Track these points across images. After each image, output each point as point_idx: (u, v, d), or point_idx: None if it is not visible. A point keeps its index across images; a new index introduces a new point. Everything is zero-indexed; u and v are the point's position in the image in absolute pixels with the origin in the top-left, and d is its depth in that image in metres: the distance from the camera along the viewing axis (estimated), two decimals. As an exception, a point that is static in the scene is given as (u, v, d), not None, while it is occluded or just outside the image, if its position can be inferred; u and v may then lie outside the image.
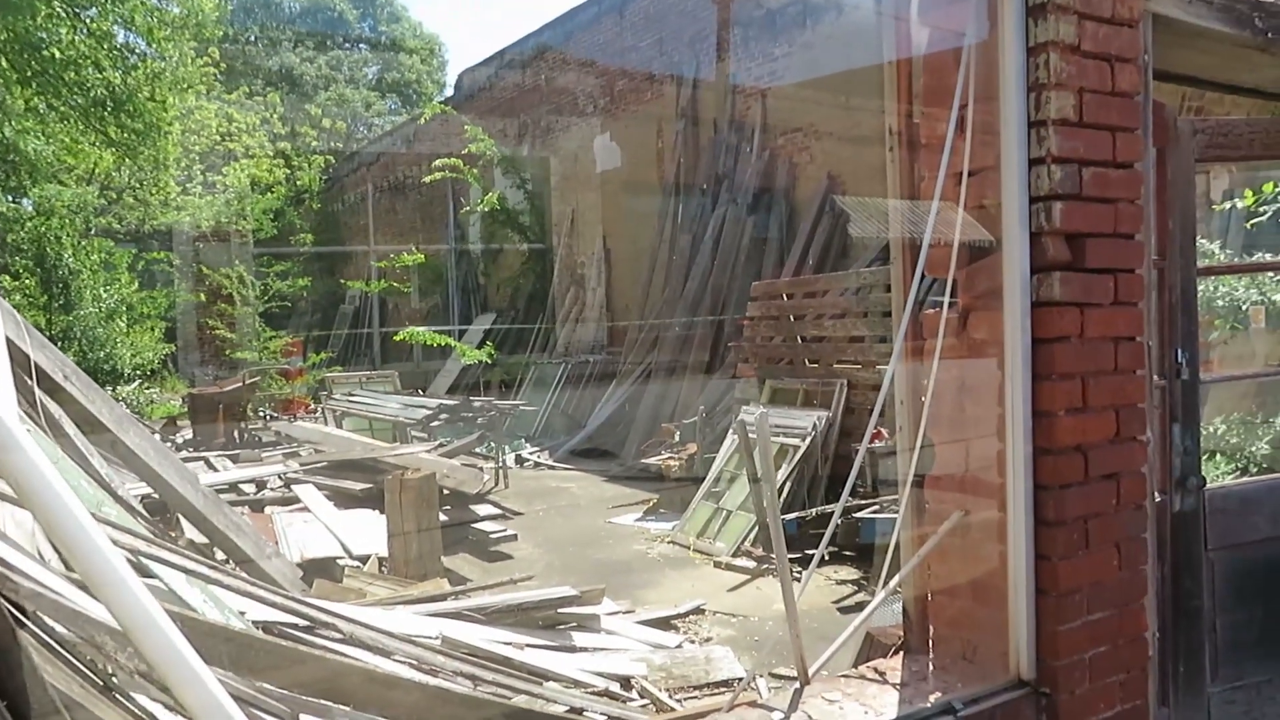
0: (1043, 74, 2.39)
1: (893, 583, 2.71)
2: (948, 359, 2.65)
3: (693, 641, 5.33)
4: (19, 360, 4.07)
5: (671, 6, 14.35)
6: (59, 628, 2.14)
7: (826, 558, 6.40)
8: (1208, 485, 3.00)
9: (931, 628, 2.75)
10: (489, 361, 13.38)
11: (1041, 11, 2.38)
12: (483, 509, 7.91)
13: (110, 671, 2.21)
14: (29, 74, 10.36)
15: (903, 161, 2.83)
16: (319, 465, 8.84)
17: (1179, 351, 2.97)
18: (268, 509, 7.60)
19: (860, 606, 5.81)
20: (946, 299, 2.63)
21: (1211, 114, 6.35)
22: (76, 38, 10.31)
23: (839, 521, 3.32)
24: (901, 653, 2.78)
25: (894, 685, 2.56)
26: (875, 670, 2.66)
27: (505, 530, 7.69)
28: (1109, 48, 2.47)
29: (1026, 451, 2.45)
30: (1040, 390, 2.46)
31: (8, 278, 12.79)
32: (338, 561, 6.12)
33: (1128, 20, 2.51)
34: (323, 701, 2.51)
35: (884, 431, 6.21)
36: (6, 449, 1.54)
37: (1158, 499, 2.80)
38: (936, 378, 2.66)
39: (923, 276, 2.63)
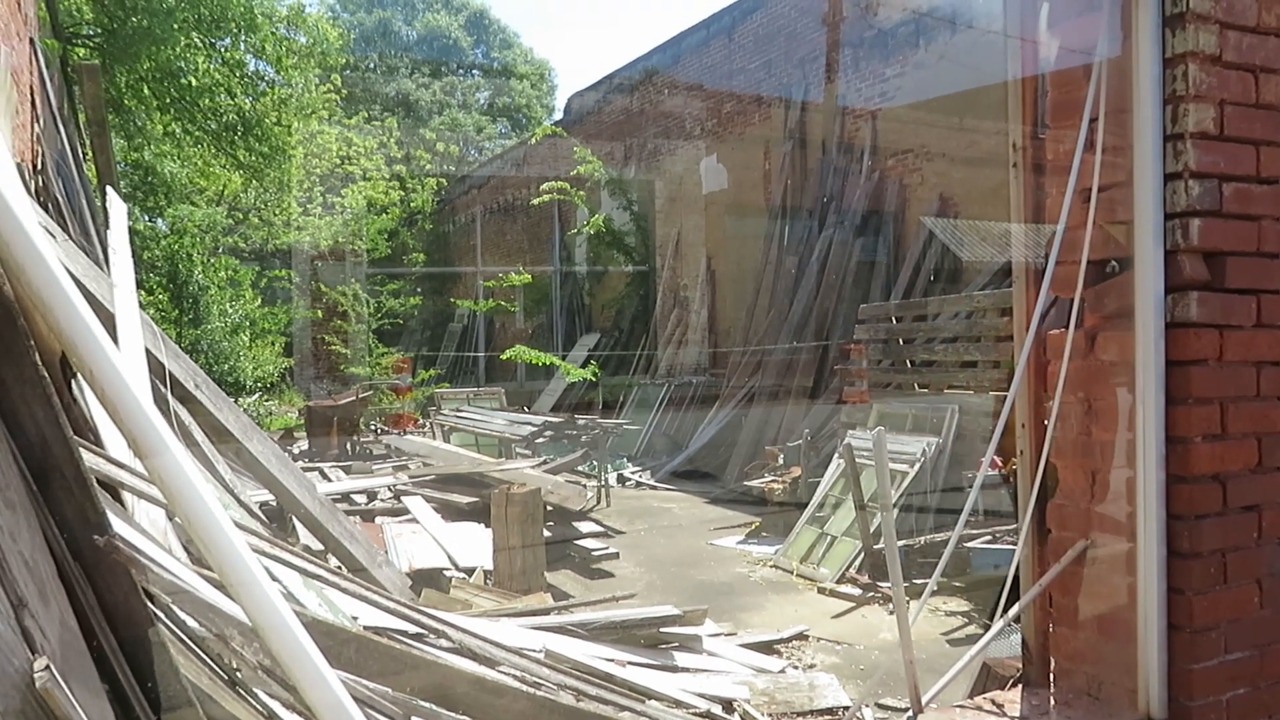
0: (1180, 86, 2.30)
1: (1011, 612, 2.61)
2: (1073, 382, 2.55)
3: (796, 667, 5.24)
4: (154, 369, 4.28)
5: (781, 29, 14.32)
6: (189, 621, 2.23)
7: (936, 588, 6.23)
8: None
9: (1052, 660, 2.64)
10: (594, 380, 13.49)
11: (1180, 21, 2.29)
12: (585, 526, 7.97)
13: (235, 666, 2.29)
14: (167, 100, 10.99)
15: (1026, 180, 2.75)
16: (427, 478, 9.04)
17: (1325, 380, 2.79)
18: (378, 519, 7.81)
19: (971, 639, 5.63)
20: (1072, 320, 2.53)
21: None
22: (211, 66, 10.88)
23: (951, 551, 3.23)
24: (1020, 685, 2.68)
25: (1012, 718, 2.47)
26: (992, 702, 2.56)
27: (607, 548, 7.72)
28: (1253, 58, 2.37)
29: (1159, 479, 2.34)
30: (1175, 415, 2.34)
31: (142, 293, 13.47)
32: (444, 572, 6.24)
33: (1275, 29, 2.39)
34: (434, 706, 2.55)
35: (999, 460, 6.01)
36: (155, 452, 1.62)
37: (1302, 535, 2.64)
38: (1061, 401, 2.57)
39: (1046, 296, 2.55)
